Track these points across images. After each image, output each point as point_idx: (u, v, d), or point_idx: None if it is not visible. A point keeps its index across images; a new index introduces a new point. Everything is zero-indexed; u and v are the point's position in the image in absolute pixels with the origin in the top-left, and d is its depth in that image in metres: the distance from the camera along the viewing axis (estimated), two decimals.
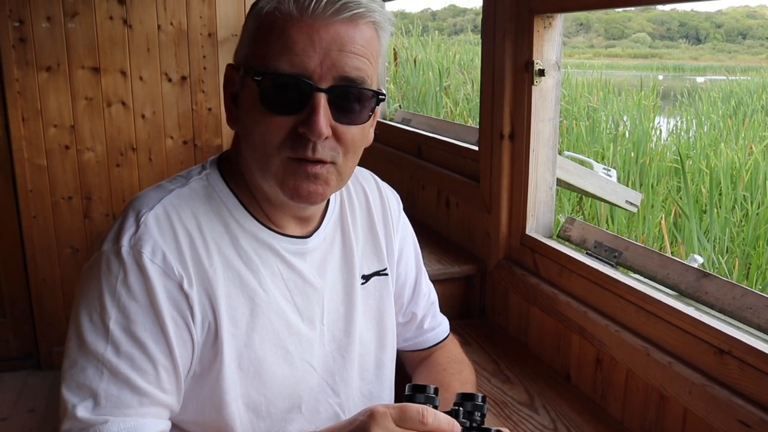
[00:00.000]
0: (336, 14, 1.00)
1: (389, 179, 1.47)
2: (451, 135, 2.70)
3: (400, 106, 8.06)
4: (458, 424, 0.90)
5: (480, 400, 0.96)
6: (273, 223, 1.16)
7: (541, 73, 1.83)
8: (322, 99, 1.01)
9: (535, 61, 1.82)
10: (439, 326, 1.48)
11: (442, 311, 1.51)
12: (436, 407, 0.92)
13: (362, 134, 1.10)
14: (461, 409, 0.94)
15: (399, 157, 2.88)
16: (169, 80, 4.10)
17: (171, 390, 1.05)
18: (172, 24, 4.05)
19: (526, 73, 1.85)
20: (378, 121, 3.31)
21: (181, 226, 1.07)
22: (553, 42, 1.85)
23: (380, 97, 1.09)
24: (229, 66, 1.13)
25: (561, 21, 1.85)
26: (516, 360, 1.86)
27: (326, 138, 1.03)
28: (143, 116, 4.10)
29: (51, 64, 3.88)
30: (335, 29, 1.01)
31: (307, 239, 1.19)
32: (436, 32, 12.25)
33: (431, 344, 1.46)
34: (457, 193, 2.36)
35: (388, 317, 1.32)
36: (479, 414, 0.95)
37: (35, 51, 3.83)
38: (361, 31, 1.03)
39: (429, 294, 1.47)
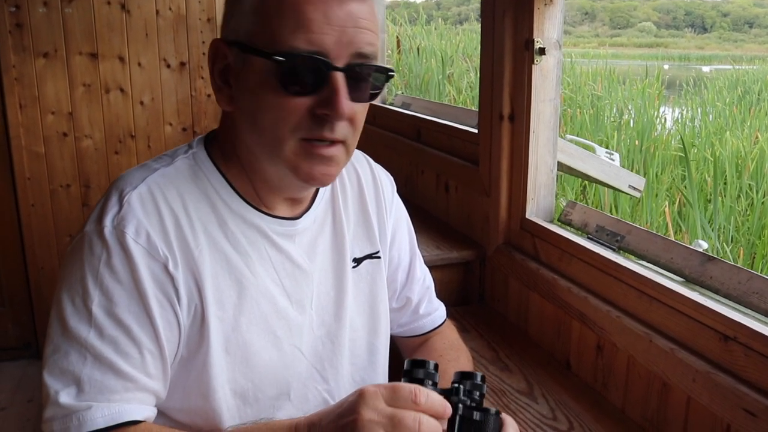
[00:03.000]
0: None
1: (388, 163, 1.43)
2: (451, 118, 2.65)
3: (402, 93, 8.01)
4: (450, 406, 0.87)
5: (479, 379, 0.92)
6: (263, 204, 1.12)
7: (542, 51, 1.78)
8: (341, 78, 0.98)
9: (536, 40, 1.77)
10: (436, 311, 1.44)
11: (440, 297, 1.47)
12: (435, 383, 0.89)
13: (365, 111, 1.08)
14: (461, 386, 0.91)
15: (398, 142, 2.83)
16: (168, 66, 4.05)
17: (157, 375, 1.01)
18: (170, 9, 4.00)
19: (527, 51, 1.80)
20: (377, 106, 3.26)
21: (165, 206, 1.03)
22: (554, 19, 1.80)
23: (390, 74, 1.06)
24: (218, 42, 1.06)
25: None
26: (515, 347, 1.81)
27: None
28: (142, 103, 4.06)
29: (48, 50, 3.83)
30: (348, 5, 0.97)
31: (297, 221, 1.15)
32: (440, 20, 12.17)
33: (427, 330, 1.42)
34: (456, 176, 2.31)
35: (381, 302, 1.28)
36: (478, 393, 0.92)
37: (32, 37, 3.78)
38: (368, 5, 1.01)
39: (424, 278, 1.43)
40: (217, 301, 1.05)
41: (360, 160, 1.33)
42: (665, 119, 9.00)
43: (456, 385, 0.91)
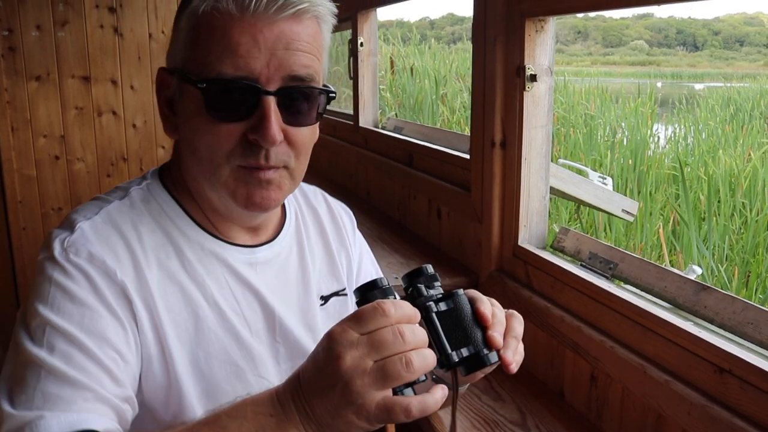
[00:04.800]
0: (279, 11, 0.95)
1: (381, 188, 1.41)
2: (444, 143, 2.65)
3: (396, 114, 8.03)
4: (417, 310, 0.81)
5: (429, 269, 0.88)
6: (219, 232, 1.10)
7: (533, 78, 1.77)
8: (272, 102, 0.96)
9: (527, 66, 1.77)
10: None
11: None
12: (394, 296, 0.84)
13: (313, 134, 1.06)
14: (420, 286, 0.86)
15: (390, 166, 2.82)
16: None
17: (116, 392, 0.94)
18: (163, 32, 4.02)
19: (518, 78, 1.79)
20: (370, 130, 3.25)
21: (119, 236, 1.01)
22: (545, 46, 1.79)
23: (330, 95, 1.04)
24: (161, 70, 1.05)
25: (553, 25, 1.80)
26: (508, 376, 1.78)
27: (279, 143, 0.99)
28: (134, 126, 4.06)
29: (41, 74, 3.84)
30: (279, 27, 0.95)
31: (256, 248, 1.13)
32: (434, 40, 12.24)
33: None
34: (448, 202, 2.30)
35: None
36: (437, 283, 0.88)
37: (24, 60, 3.79)
38: (305, 26, 0.98)
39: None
40: (176, 335, 1.02)
41: (317, 197, 1.31)
42: (658, 137, 9.04)
43: (412, 288, 0.86)
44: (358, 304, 0.84)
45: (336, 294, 1.24)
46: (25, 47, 3.78)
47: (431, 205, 2.46)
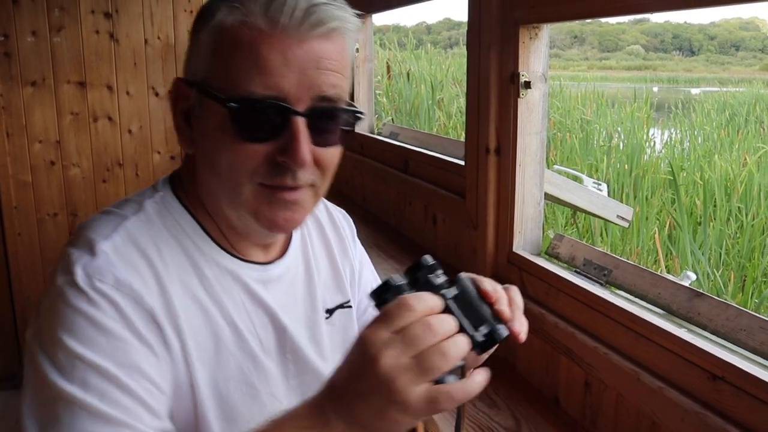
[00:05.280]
0: (311, 29, 0.92)
1: (376, 194, 1.41)
2: (439, 149, 2.65)
3: (392, 119, 8.03)
4: (439, 299, 0.82)
5: (429, 259, 0.87)
6: (234, 248, 1.07)
7: (527, 85, 1.78)
8: (302, 124, 0.93)
9: (521, 73, 1.77)
10: None
11: None
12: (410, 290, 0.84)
13: (339, 153, 1.03)
14: (430, 276, 0.85)
15: (386, 172, 2.83)
16: (156, 94, 4.06)
17: (152, 423, 0.92)
18: (159, 38, 4.02)
19: (512, 85, 1.80)
20: (365, 135, 3.26)
21: (142, 257, 0.96)
22: (539, 53, 1.80)
23: (357, 114, 1.01)
24: (179, 81, 1.01)
25: (547, 32, 1.80)
26: (503, 382, 1.79)
27: None
28: (130, 131, 4.06)
29: (36, 79, 3.84)
30: (309, 45, 0.92)
31: (269, 266, 1.10)
32: (430, 45, 12.26)
33: None
34: (444, 209, 2.30)
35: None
36: (440, 270, 0.87)
37: (20, 65, 3.79)
38: (334, 43, 0.95)
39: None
40: (198, 357, 0.99)
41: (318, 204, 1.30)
42: (654, 142, 9.07)
43: (422, 281, 0.86)
44: (377, 306, 0.84)
45: (341, 306, 1.22)
46: (20, 53, 3.78)
47: (427, 211, 2.47)
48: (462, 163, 2.16)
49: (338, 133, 1.00)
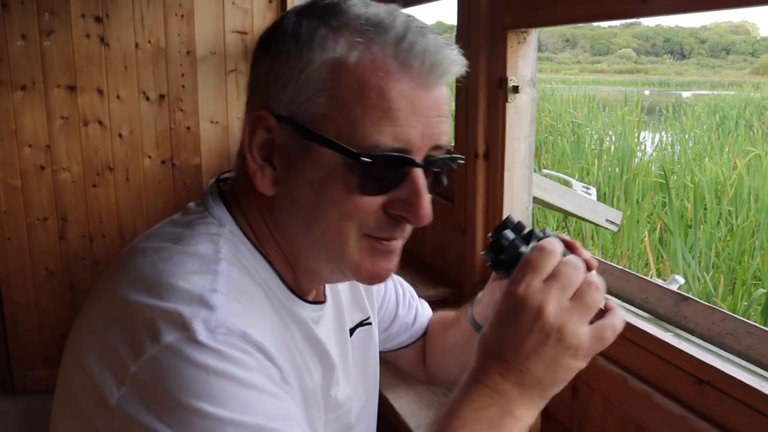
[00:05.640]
0: (441, 77, 0.85)
1: None
2: None
3: None
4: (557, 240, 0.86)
5: (514, 218, 0.91)
6: (301, 291, 0.98)
7: (516, 89, 1.78)
8: (422, 176, 0.86)
9: (510, 78, 1.78)
10: (425, 310, 1.41)
11: None
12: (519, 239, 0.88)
13: None
14: (531, 229, 0.90)
15: None
16: (147, 99, 4.04)
17: None
18: (150, 42, 4.00)
19: (500, 89, 1.80)
20: None
21: (250, 305, 0.86)
22: (527, 58, 1.81)
23: (460, 161, 0.94)
24: (266, 114, 0.87)
25: (535, 37, 1.81)
26: None
27: None
28: (120, 135, 4.04)
29: (26, 83, 3.81)
30: (434, 92, 0.85)
31: (323, 305, 1.03)
32: None
33: (428, 318, 1.40)
34: (432, 214, 2.30)
35: (373, 367, 1.22)
36: (521, 225, 0.90)
37: (10, 69, 3.76)
38: (446, 88, 0.90)
39: (410, 297, 1.38)
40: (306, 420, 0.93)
41: None
42: (645, 145, 9.11)
43: (524, 234, 0.90)
44: (494, 267, 0.89)
45: (361, 324, 1.18)
46: (10, 56, 3.76)
47: None
48: None
49: (444, 181, 0.94)
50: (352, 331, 1.16)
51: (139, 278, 0.83)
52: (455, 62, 0.86)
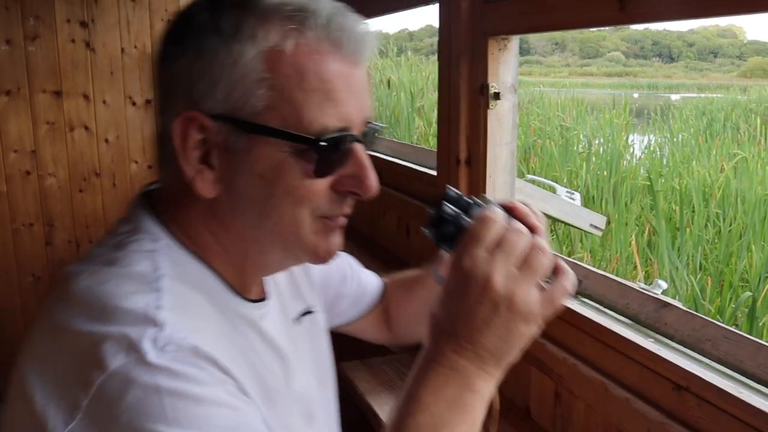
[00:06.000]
0: (365, 54, 0.87)
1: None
2: (413, 159, 2.65)
3: None
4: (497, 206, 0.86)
5: (453, 190, 0.90)
6: (247, 292, 0.97)
7: (497, 96, 1.79)
8: (363, 150, 0.88)
9: (491, 85, 1.78)
10: (370, 277, 1.41)
11: None
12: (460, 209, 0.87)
13: None
14: (467, 198, 0.88)
15: None
16: (134, 104, 4.03)
17: None
18: (136, 47, 3.99)
19: (482, 96, 1.81)
20: None
21: (198, 317, 0.83)
22: (508, 64, 1.81)
23: (382, 129, 0.98)
24: (196, 115, 0.84)
25: (516, 43, 1.81)
26: None
27: None
28: (107, 141, 4.02)
29: (11, 88, 3.79)
30: (361, 69, 0.88)
31: (266, 301, 1.02)
32: (411, 52, 12.30)
33: (381, 287, 1.39)
34: (417, 219, 2.30)
35: (323, 354, 1.21)
36: (460, 196, 0.89)
37: None
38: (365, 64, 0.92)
39: (354, 271, 1.37)
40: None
41: None
42: (633, 148, 9.14)
43: (462, 206, 0.88)
44: (438, 242, 0.87)
45: (304, 314, 1.17)
46: None
47: (400, 221, 2.47)
48: (434, 173, 2.16)
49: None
50: (297, 321, 1.15)
51: (78, 304, 0.80)
52: (373, 36, 0.88)
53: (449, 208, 0.86)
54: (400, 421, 0.81)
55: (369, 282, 1.40)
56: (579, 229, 2.54)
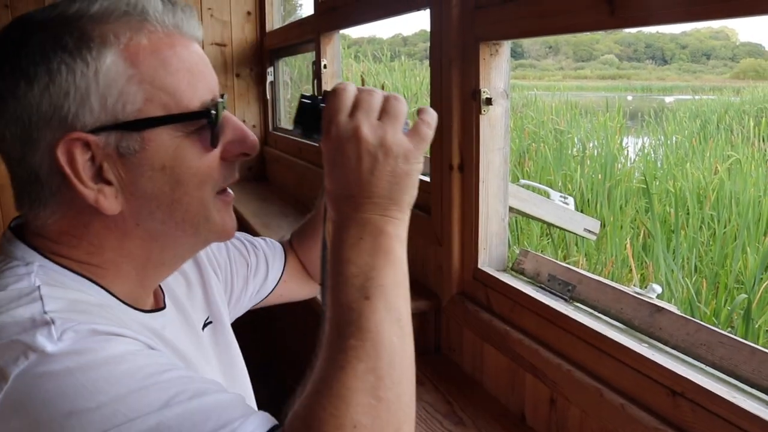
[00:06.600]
0: (197, 29, 0.94)
1: None
2: None
3: None
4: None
5: (303, 94, 0.97)
6: (140, 303, 0.96)
7: (489, 101, 1.78)
8: (229, 112, 0.95)
9: (483, 90, 1.78)
10: (268, 242, 1.42)
11: None
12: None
13: None
14: (317, 95, 0.96)
15: None
16: None
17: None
18: None
19: (474, 101, 1.80)
20: None
21: (94, 315, 0.80)
22: (500, 69, 1.80)
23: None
24: (73, 135, 0.81)
25: (508, 48, 1.81)
26: (470, 400, 1.78)
27: None
28: None
29: None
30: (199, 45, 0.95)
31: (164, 311, 1.03)
32: (405, 57, 12.31)
33: (283, 258, 1.41)
34: (410, 225, 2.29)
35: (233, 360, 1.21)
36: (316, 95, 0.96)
37: None
38: None
39: (251, 247, 1.37)
40: None
41: None
42: (627, 151, 9.15)
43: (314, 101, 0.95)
44: (306, 131, 0.95)
45: (204, 326, 1.17)
46: None
47: None
48: (427, 179, 2.15)
49: None
50: (203, 330, 1.16)
51: None
52: (195, 12, 0.94)
53: (306, 98, 0.95)
54: (332, 283, 0.87)
55: (269, 244, 1.42)
56: (573, 233, 2.53)
